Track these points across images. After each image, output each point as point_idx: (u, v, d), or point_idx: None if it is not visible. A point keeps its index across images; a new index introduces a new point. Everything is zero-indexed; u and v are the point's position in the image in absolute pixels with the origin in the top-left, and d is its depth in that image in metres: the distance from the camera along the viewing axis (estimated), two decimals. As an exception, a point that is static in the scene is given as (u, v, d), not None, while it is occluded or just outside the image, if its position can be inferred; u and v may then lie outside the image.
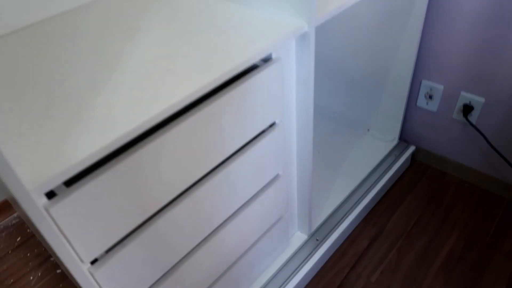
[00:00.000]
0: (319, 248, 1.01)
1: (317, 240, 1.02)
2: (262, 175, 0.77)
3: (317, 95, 1.42)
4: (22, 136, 0.49)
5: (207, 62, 0.59)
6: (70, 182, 0.49)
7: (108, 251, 0.57)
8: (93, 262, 0.56)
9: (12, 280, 1.13)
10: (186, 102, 0.53)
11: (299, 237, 1.03)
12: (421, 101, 1.18)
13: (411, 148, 1.25)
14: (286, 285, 0.95)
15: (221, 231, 0.75)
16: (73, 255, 0.50)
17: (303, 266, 0.98)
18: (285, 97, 0.75)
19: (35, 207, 0.43)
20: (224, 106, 0.61)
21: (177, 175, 0.60)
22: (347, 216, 1.08)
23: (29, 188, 0.42)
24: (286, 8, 0.66)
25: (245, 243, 0.84)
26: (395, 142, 1.27)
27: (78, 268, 0.52)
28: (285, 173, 0.86)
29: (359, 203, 1.11)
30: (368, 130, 1.32)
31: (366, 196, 1.13)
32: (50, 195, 0.48)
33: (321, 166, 1.23)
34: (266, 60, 0.66)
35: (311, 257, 0.99)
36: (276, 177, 0.82)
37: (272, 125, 0.74)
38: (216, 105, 0.60)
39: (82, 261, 0.53)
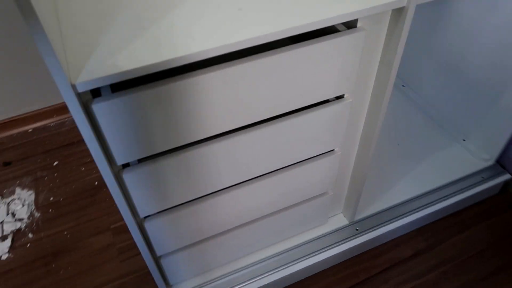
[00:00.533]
0: (356, 238, 0.96)
1: (357, 230, 0.98)
2: (314, 145, 0.74)
3: (417, 84, 1.28)
4: (86, 33, 0.53)
5: (284, 11, 0.55)
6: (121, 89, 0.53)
7: (141, 161, 0.62)
8: (125, 166, 0.61)
9: (89, 159, 1.30)
10: (248, 44, 0.52)
11: (340, 220, 0.99)
12: (539, 128, 0.99)
13: (506, 176, 1.08)
14: (311, 257, 0.94)
15: (259, 181, 0.75)
16: (102, 155, 0.55)
17: (333, 247, 0.95)
18: (362, 74, 0.68)
19: (76, 102, 0.47)
20: (291, 61, 0.58)
21: (225, 114, 0.60)
22: (399, 219, 1.00)
23: (73, 82, 0.45)
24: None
25: (282, 202, 0.83)
26: (490, 163, 1.10)
27: (107, 169, 0.57)
28: (342, 151, 0.81)
29: (419, 210, 1.02)
30: (464, 140, 1.16)
31: (429, 206, 1.02)
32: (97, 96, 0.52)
33: (394, 159, 1.13)
34: (350, 26, 0.60)
35: (344, 242, 0.96)
36: (330, 152, 0.79)
37: (339, 98, 0.69)
38: (282, 57, 0.57)
39: (115, 161, 0.58)
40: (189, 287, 0.89)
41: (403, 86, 1.35)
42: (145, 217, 0.70)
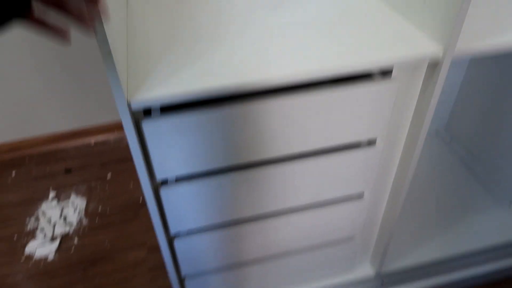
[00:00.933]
0: (382, 290, 0.94)
1: (382, 283, 0.95)
2: (343, 186, 0.76)
3: (466, 140, 1.25)
4: (150, 56, 0.61)
5: (313, 50, 0.60)
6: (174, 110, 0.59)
7: (178, 180, 0.67)
8: (163, 183, 0.67)
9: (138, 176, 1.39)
10: (283, 80, 0.57)
11: (366, 269, 0.98)
12: None
13: (556, 249, 1.01)
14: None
15: (286, 215, 0.78)
16: (144, 168, 0.61)
17: (357, 297, 0.93)
18: (395, 121, 0.70)
19: (129, 118, 0.54)
20: (328, 101, 0.62)
21: (261, 144, 0.65)
22: (430, 278, 0.96)
23: (129, 100, 0.53)
24: (425, 26, 0.62)
25: (308, 240, 0.85)
26: (538, 233, 1.04)
27: (147, 183, 0.63)
28: (372, 195, 0.82)
29: (452, 272, 0.97)
30: (510, 204, 1.11)
31: (464, 269, 0.98)
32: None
33: (431, 213, 1.10)
34: (386, 72, 0.63)
35: (369, 293, 0.94)
36: (359, 195, 0.80)
37: (371, 142, 0.72)
38: (320, 96, 0.61)
39: (155, 177, 0.64)
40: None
41: (450, 140, 1.33)
42: (176, 235, 0.75)
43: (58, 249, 1.18)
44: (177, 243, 0.75)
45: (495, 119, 1.12)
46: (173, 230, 0.73)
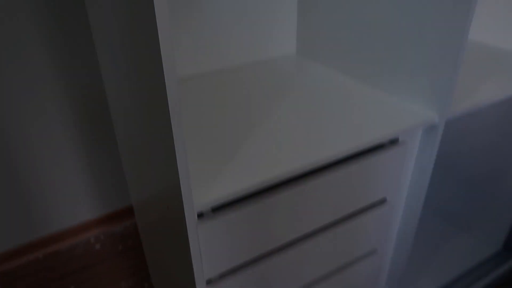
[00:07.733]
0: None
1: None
2: (361, 245, 0.81)
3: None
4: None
5: (336, 135, 0.67)
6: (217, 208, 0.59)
7: (222, 276, 0.65)
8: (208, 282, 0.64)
9: (103, 284, 1.26)
10: (312, 166, 0.61)
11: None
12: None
13: (514, 261, 1.18)
14: None
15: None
16: (200, 270, 0.59)
17: None
18: (401, 178, 0.79)
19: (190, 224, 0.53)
20: (347, 176, 0.68)
21: (288, 227, 0.67)
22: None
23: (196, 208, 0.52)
24: (418, 98, 0.74)
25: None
26: (498, 248, 1.21)
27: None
28: (381, 249, 0.88)
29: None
30: (470, 230, 1.27)
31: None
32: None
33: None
34: (393, 141, 0.72)
35: None
36: (372, 251, 0.85)
37: (382, 201, 0.79)
38: (341, 173, 0.67)
39: (203, 277, 0.61)
40: None
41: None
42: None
43: None
44: None
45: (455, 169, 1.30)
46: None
